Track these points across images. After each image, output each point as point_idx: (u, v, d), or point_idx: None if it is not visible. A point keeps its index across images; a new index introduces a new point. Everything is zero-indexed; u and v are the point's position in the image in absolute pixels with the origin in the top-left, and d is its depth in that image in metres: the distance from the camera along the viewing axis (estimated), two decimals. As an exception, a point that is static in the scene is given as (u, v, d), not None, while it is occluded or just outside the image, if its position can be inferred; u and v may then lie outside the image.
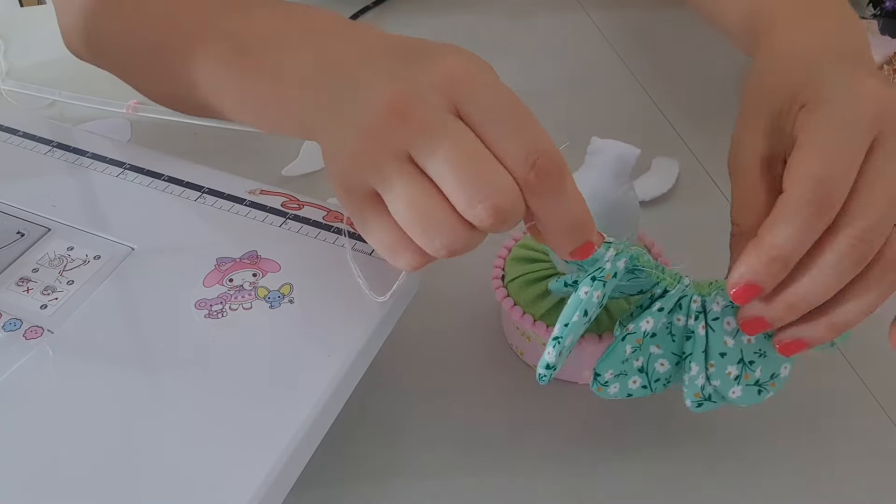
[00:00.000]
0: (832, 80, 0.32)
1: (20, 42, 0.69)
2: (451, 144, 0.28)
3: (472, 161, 0.28)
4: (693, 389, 0.37)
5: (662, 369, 0.38)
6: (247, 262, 0.40)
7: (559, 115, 0.55)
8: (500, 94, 0.29)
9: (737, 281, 0.31)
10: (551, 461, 0.41)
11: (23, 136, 0.48)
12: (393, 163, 0.29)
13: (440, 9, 0.75)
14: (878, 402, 0.44)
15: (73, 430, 0.33)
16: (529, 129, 0.29)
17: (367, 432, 0.41)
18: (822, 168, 0.29)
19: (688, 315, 0.35)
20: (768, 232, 0.30)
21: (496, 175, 0.28)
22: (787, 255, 0.30)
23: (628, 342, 0.35)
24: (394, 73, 0.30)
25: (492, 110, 0.29)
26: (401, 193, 0.29)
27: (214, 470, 0.31)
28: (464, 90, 0.29)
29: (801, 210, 0.29)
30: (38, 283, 0.39)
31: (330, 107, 0.32)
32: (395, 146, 0.29)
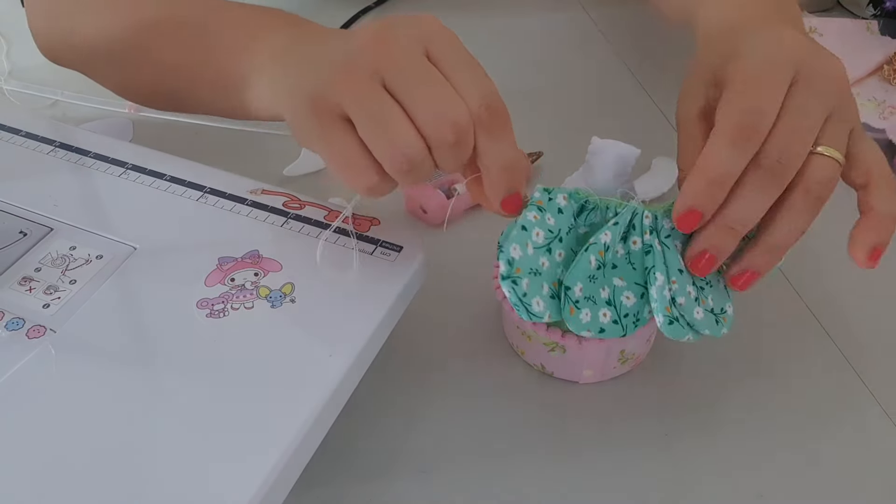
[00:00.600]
0: (758, 33, 0.37)
1: (22, 42, 0.69)
2: (422, 72, 0.33)
3: (438, 87, 0.33)
4: (662, 302, 0.36)
5: (629, 303, 0.38)
6: (248, 262, 0.40)
7: (559, 115, 0.55)
8: (461, 48, 0.35)
9: (679, 208, 0.35)
10: (552, 460, 0.41)
11: (25, 135, 0.48)
12: (367, 85, 0.33)
13: (440, 8, 0.75)
14: (877, 401, 0.44)
15: (74, 428, 0.33)
16: (483, 78, 0.34)
17: (367, 432, 0.42)
18: (747, 100, 0.33)
19: (642, 233, 0.37)
20: (703, 159, 0.34)
21: (456, 101, 0.33)
22: (722, 178, 0.33)
23: (591, 252, 0.37)
24: (374, 27, 0.35)
25: (456, 60, 0.34)
26: (370, 111, 0.33)
27: (216, 469, 0.31)
28: (436, 40, 0.34)
29: (731, 136, 0.33)
30: (41, 283, 0.39)
31: (306, 57, 0.36)
32: (372, 70, 0.33)
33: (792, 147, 0.34)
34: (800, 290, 0.50)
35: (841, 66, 0.36)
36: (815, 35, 0.63)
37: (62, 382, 0.34)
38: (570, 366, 0.43)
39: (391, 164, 0.33)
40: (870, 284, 0.51)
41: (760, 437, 0.42)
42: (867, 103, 0.58)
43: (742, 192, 0.34)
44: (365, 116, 0.33)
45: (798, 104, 0.34)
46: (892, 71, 0.60)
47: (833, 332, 0.47)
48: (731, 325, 0.38)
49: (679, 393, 0.44)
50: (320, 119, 0.34)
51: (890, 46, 0.61)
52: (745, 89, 0.34)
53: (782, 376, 0.45)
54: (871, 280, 0.51)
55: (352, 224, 0.42)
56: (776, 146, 0.34)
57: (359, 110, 0.33)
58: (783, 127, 0.34)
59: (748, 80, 0.34)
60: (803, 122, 0.34)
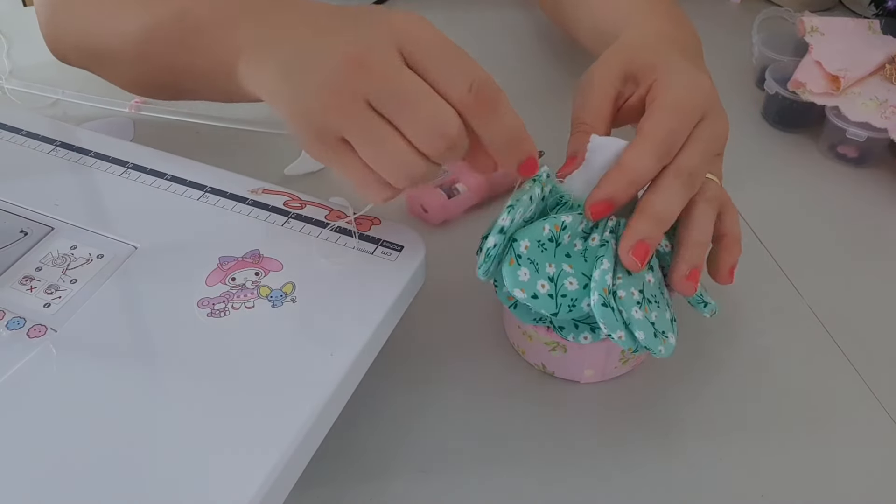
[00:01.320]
0: (685, 69, 0.43)
1: (23, 41, 0.69)
2: (404, 89, 0.34)
3: (421, 100, 0.34)
4: (601, 283, 0.38)
5: (571, 288, 0.38)
6: (249, 261, 0.40)
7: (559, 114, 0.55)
8: (437, 39, 0.35)
9: (597, 197, 0.39)
10: (552, 460, 0.41)
11: (26, 135, 0.48)
12: (355, 110, 0.34)
13: (441, 7, 0.75)
14: (879, 401, 0.44)
15: (75, 428, 0.33)
16: (465, 63, 0.35)
17: (367, 432, 0.42)
18: (672, 124, 0.40)
19: (603, 231, 0.40)
20: (629, 162, 0.39)
21: (442, 109, 0.34)
22: (641, 180, 0.39)
23: (547, 222, 0.39)
24: (348, 38, 0.35)
25: (432, 53, 0.35)
26: (364, 135, 0.35)
27: (216, 468, 0.31)
28: (407, 40, 0.35)
29: (656, 149, 0.39)
30: (42, 282, 0.39)
31: (291, 72, 0.36)
32: (356, 95, 0.34)
33: (702, 167, 0.41)
34: (801, 291, 0.50)
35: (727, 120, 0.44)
36: (818, 34, 0.63)
37: (63, 382, 0.34)
38: (571, 366, 0.43)
39: (395, 179, 0.36)
40: (871, 285, 0.51)
41: (762, 436, 0.42)
42: (868, 103, 0.58)
43: (666, 193, 0.39)
44: (360, 140, 0.35)
45: (706, 136, 0.41)
46: (893, 70, 0.60)
47: (834, 332, 0.47)
48: (670, 352, 0.39)
49: (679, 393, 0.44)
50: (324, 144, 0.36)
51: (892, 46, 0.61)
52: (671, 115, 0.40)
53: (783, 376, 0.45)
54: (872, 280, 0.51)
55: (354, 224, 0.42)
56: (691, 163, 0.40)
57: (355, 135, 0.35)
58: (696, 150, 0.40)
59: (675, 109, 0.41)
60: (710, 149, 0.41)
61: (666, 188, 0.40)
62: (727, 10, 0.77)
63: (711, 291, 0.42)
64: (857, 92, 0.59)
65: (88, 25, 0.49)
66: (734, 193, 0.45)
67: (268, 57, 0.38)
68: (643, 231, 0.39)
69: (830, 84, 0.59)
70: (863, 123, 0.57)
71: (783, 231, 0.54)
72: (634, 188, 0.39)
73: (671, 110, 0.41)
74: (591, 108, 0.44)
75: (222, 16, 0.42)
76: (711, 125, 0.42)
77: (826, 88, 0.59)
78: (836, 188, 0.58)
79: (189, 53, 0.43)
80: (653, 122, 0.40)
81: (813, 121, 0.61)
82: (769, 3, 0.77)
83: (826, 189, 0.58)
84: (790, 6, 0.74)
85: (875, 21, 0.64)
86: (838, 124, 0.58)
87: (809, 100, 0.59)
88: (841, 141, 0.59)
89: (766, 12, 0.73)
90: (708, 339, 0.46)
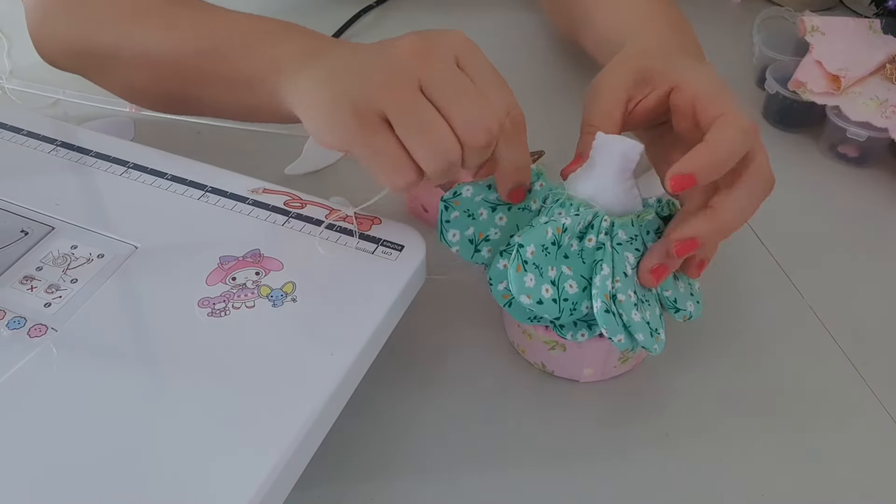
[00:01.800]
0: (695, 67, 0.44)
1: (24, 41, 0.69)
2: (458, 82, 0.37)
3: (473, 96, 0.37)
4: (603, 290, 0.38)
5: (571, 291, 0.39)
6: (249, 261, 0.40)
7: (561, 114, 0.55)
8: (488, 63, 0.39)
9: (684, 170, 0.38)
10: (552, 460, 0.41)
11: (27, 134, 0.48)
12: (409, 90, 0.37)
13: (442, 8, 0.75)
14: (879, 401, 0.44)
15: (75, 427, 0.33)
16: (507, 91, 0.39)
17: (368, 431, 0.42)
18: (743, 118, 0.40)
19: (598, 233, 0.40)
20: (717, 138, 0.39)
21: (489, 109, 0.37)
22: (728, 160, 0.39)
23: (549, 225, 0.39)
24: (412, 35, 0.38)
25: (483, 71, 0.38)
26: (411, 116, 0.36)
27: (217, 467, 0.31)
28: (466, 53, 0.38)
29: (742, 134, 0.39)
30: (42, 282, 0.39)
31: (341, 69, 0.39)
32: (412, 77, 0.37)
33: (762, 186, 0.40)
34: (801, 290, 0.50)
35: None
36: (818, 34, 0.63)
37: (63, 381, 0.35)
38: (571, 365, 0.43)
39: (432, 164, 0.37)
40: (871, 284, 0.51)
41: (762, 436, 0.42)
42: (869, 102, 0.58)
43: (733, 206, 0.39)
44: (407, 121, 0.36)
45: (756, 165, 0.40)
46: (894, 70, 0.60)
47: (835, 331, 0.47)
48: (662, 348, 0.39)
49: (679, 393, 0.44)
50: (361, 121, 0.37)
51: (892, 45, 0.61)
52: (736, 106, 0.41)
53: (784, 376, 0.45)
54: (873, 280, 0.51)
55: (354, 221, 0.42)
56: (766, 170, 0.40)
57: (402, 115, 0.36)
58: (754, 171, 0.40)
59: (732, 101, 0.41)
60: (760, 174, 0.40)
61: (734, 199, 0.39)
62: (728, 10, 0.77)
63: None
64: (857, 91, 0.59)
65: (87, 31, 0.49)
66: (734, 193, 0.45)
67: (320, 63, 0.40)
68: (704, 235, 0.39)
69: (831, 84, 0.59)
70: (863, 123, 0.57)
71: (784, 230, 0.54)
72: (718, 169, 0.38)
73: (733, 101, 0.41)
74: (601, 111, 0.44)
75: (261, 33, 0.43)
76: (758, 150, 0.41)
77: (827, 88, 0.59)
78: (836, 188, 0.58)
79: (216, 64, 0.44)
80: (734, 112, 0.40)
81: (813, 120, 0.61)
82: (770, 2, 0.77)
83: (826, 189, 0.58)
84: (791, 6, 0.74)
85: (875, 21, 0.64)
86: (839, 124, 0.57)
87: (810, 99, 0.59)
88: (841, 140, 0.58)
89: (766, 12, 0.73)
90: (708, 338, 0.46)
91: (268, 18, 0.45)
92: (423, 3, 0.76)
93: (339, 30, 0.72)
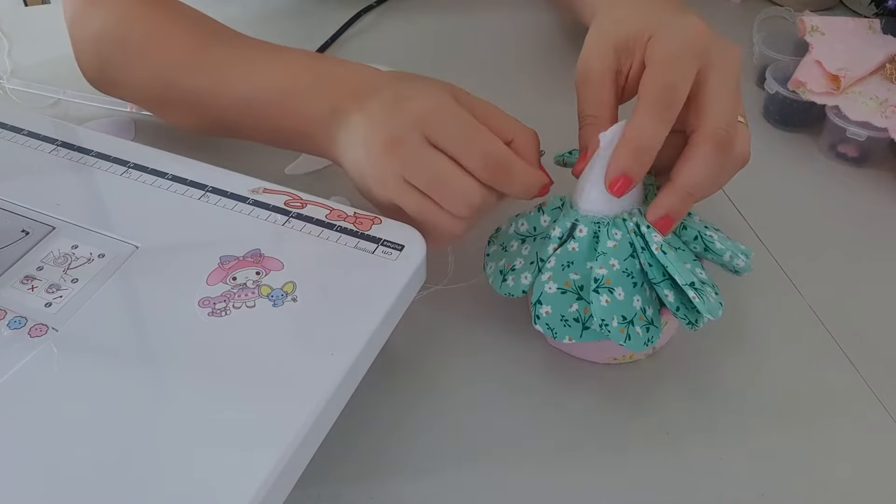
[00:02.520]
0: (670, 20, 0.43)
1: (24, 41, 0.69)
2: (429, 168, 0.40)
3: (446, 173, 0.40)
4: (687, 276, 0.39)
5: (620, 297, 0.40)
6: (250, 261, 0.40)
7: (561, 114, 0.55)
8: (457, 120, 0.40)
9: (611, 174, 0.40)
10: (551, 459, 0.41)
11: (27, 134, 0.48)
12: (398, 183, 0.40)
13: (442, 9, 0.75)
14: (879, 400, 0.44)
15: (76, 427, 0.33)
16: (480, 141, 0.40)
17: (368, 430, 0.42)
18: (666, 78, 0.40)
19: (626, 229, 0.41)
20: (631, 131, 0.39)
21: (464, 182, 0.40)
22: (647, 145, 0.39)
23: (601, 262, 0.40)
24: (379, 120, 0.41)
25: (451, 135, 0.40)
26: (412, 201, 0.41)
27: (217, 467, 0.31)
28: (430, 125, 0.40)
29: (654, 108, 0.39)
30: (43, 282, 0.39)
31: (340, 142, 0.44)
32: (391, 172, 0.40)
33: (732, 120, 0.40)
34: (801, 290, 0.50)
35: (738, 51, 0.42)
36: (818, 34, 0.63)
37: (64, 381, 0.35)
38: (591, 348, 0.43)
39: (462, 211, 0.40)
40: (871, 284, 0.51)
41: (762, 435, 0.42)
42: (869, 102, 0.58)
43: (698, 162, 0.39)
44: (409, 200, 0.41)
45: (720, 81, 0.40)
46: (894, 70, 0.60)
47: (835, 331, 0.47)
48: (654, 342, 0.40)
49: (679, 392, 0.44)
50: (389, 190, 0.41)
51: (892, 45, 0.61)
52: (662, 70, 0.40)
53: (783, 376, 0.45)
54: (873, 280, 0.51)
55: (355, 221, 0.42)
56: (722, 119, 0.39)
57: (404, 197, 0.41)
58: (718, 102, 0.40)
59: (668, 61, 0.40)
60: (730, 92, 0.41)
61: (698, 157, 0.39)
62: (728, 10, 0.77)
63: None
64: (857, 91, 0.59)
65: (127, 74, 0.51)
66: (734, 192, 0.45)
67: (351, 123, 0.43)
68: (673, 206, 0.39)
69: (831, 83, 0.59)
70: (863, 123, 0.57)
71: (783, 230, 0.54)
72: (644, 155, 0.39)
73: (661, 65, 0.40)
74: (593, 98, 0.44)
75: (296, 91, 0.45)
76: (718, 65, 0.41)
77: (826, 88, 0.59)
78: (836, 187, 0.58)
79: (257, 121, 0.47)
80: (645, 82, 0.40)
81: (813, 120, 0.61)
82: (770, 2, 0.77)
83: (826, 188, 0.58)
84: (790, 6, 0.74)
85: (875, 20, 0.64)
86: (839, 124, 0.58)
87: (810, 99, 0.59)
88: (841, 140, 0.59)
89: (766, 12, 0.73)
90: (707, 338, 0.46)
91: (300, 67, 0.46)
92: (423, 3, 0.76)
93: (339, 30, 0.72)
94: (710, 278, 0.42)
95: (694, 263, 0.42)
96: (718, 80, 0.40)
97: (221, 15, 0.52)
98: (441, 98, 0.41)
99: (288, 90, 0.45)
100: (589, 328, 0.40)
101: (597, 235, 0.41)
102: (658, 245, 0.40)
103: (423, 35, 0.72)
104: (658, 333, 0.40)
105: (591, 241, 0.41)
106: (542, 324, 0.41)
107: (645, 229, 0.40)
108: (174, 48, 0.49)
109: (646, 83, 0.40)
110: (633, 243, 0.41)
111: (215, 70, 0.48)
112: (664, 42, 0.41)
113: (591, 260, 0.41)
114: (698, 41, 0.41)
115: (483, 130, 0.40)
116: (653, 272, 0.40)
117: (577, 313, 0.40)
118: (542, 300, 0.40)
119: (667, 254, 0.39)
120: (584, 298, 0.40)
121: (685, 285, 0.39)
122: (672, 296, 0.40)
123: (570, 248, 0.41)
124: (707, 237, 0.42)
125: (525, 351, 0.46)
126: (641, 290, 0.40)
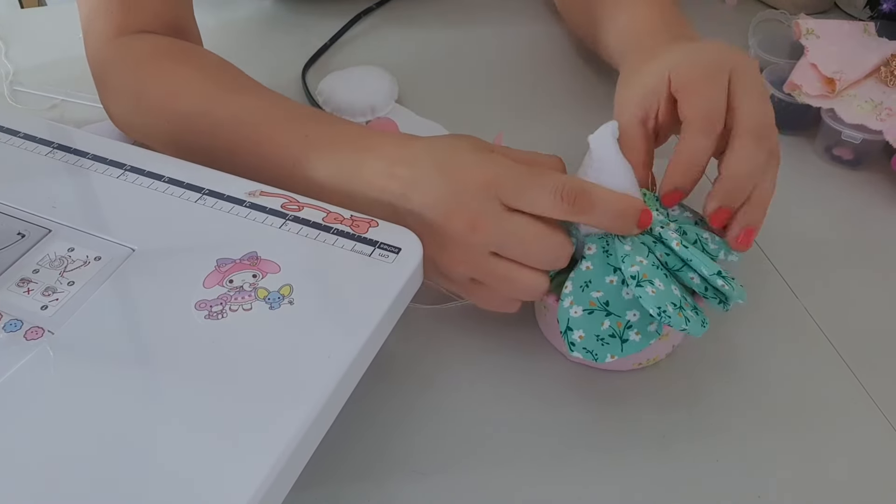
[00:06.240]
0: (684, 48, 0.46)
1: (21, 44, 0.69)
2: (516, 232, 0.39)
3: (536, 233, 0.39)
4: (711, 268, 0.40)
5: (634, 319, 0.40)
6: (247, 264, 0.40)
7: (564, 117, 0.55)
8: (514, 173, 0.40)
9: (665, 188, 0.43)
10: (549, 461, 0.41)
11: (24, 137, 0.48)
12: (485, 257, 0.40)
13: (442, 11, 0.76)
14: (875, 402, 0.44)
15: (73, 430, 0.33)
16: (543, 182, 0.39)
17: (365, 432, 0.42)
18: (702, 96, 0.43)
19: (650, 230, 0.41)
20: (682, 148, 0.42)
21: (555, 237, 0.40)
22: (700, 161, 0.42)
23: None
24: (448, 199, 0.40)
25: (519, 191, 0.39)
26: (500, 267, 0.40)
27: (215, 470, 0.31)
28: (497, 189, 0.39)
29: (700, 126, 0.42)
30: (39, 284, 0.39)
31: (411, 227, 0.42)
32: (480, 249, 0.40)
33: (767, 114, 0.43)
34: (797, 292, 0.50)
35: (754, 59, 0.46)
36: (813, 37, 0.63)
37: (60, 384, 0.34)
38: None
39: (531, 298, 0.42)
40: (866, 286, 0.51)
41: (759, 438, 0.42)
42: (864, 105, 0.58)
43: (741, 154, 0.42)
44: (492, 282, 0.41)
45: (749, 83, 0.43)
46: (889, 73, 0.60)
47: (830, 333, 0.48)
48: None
49: (676, 393, 0.44)
50: (454, 285, 0.43)
51: (887, 48, 0.61)
52: (697, 91, 0.43)
53: (779, 378, 0.45)
54: (868, 282, 0.51)
55: (351, 225, 0.42)
56: (757, 114, 0.42)
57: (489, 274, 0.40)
58: (752, 101, 0.42)
59: (697, 83, 0.43)
60: (760, 91, 0.43)
61: (738, 148, 0.41)
62: (723, 13, 0.77)
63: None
64: (852, 94, 0.59)
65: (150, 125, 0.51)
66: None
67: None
68: (748, 217, 0.42)
69: (826, 86, 0.59)
70: (858, 126, 0.57)
71: (779, 233, 0.54)
72: (694, 170, 0.42)
73: (693, 88, 0.43)
74: (627, 150, 0.43)
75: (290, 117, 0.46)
76: (740, 70, 0.43)
77: (822, 91, 0.59)
78: (831, 190, 0.58)
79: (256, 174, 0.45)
80: (683, 108, 0.43)
81: (808, 123, 0.61)
82: (765, 5, 0.77)
83: (821, 191, 0.58)
84: (786, 9, 0.75)
85: (870, 23, 0.65)
86: (834, 126, 0.58)
87: (805, 102, 0.59)
88: (836, 143, 0.59)
89: (761, 15, 0.73)
90: (705, 340, 0.46)
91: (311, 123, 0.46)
92: (423, 4, 0.76)
93: (339, 31, 0.72)
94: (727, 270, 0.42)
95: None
96: (745, 83, 0.43)
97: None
98: (487, 157, 0.41)
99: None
100: (627, 340, 0.39)
101: (606, 250, 0.41)
102: (678, 241, 0.40)
103: (423, 40, 0.72)
104: (705, 316, 0.40)
105: (603, 255, 0.41)
106: (580, 349, 0.39)
107: (659, 230, 0.41)
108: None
109: (684, 108, 0.43)
110: (644, 242, 0.41)
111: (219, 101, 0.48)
112: (688, 68, 0.44)
113: (608, 275, 0.40)
114: (719, 56, 0.44)
115: (539, 168, 0.41)
116: (672, 260, 0.41)
117: (611, 329, 0.40)
118: (572, 325, 0.40)
119: (688, 247, 0.40)
120: (614, 313, 0.40)
121: (712, 275, 0.40)
122: (697, 278, 0.41)
123: (584, 267, 0.41)
124: (703, 239, 0.42)
125: (523, 353, 0.46)
126: (673, 280, 0.40)
